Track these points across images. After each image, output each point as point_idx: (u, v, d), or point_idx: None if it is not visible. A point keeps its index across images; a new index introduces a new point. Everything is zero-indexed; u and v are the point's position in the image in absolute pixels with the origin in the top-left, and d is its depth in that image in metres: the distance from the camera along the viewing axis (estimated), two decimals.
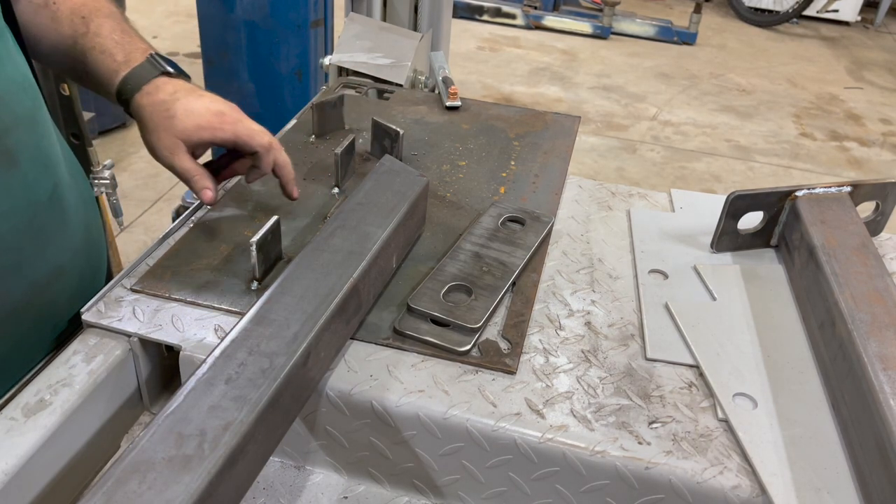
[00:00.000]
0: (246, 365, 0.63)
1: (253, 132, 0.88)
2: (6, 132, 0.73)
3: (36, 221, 0.78)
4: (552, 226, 0.98)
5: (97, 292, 0.82)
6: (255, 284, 0.84)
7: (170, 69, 0.88)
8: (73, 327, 0.82)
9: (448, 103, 1.27)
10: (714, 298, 0.89)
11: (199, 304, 0.81)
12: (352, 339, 0.78)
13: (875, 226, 1.00)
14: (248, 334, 0.66)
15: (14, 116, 0.75)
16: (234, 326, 0.67)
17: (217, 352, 0.64)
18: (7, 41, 0.77)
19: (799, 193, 0.94)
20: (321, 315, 0.69)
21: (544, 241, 0.95)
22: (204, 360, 0.63)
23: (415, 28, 2.18)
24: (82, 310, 0.79)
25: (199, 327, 0.78)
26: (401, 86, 1.43)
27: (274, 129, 1.18)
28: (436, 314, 0.79)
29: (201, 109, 0.86)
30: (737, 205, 0.93)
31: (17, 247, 0.76)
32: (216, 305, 0.81)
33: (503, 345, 0.79)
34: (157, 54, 0.89)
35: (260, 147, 0.89)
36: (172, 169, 0.87)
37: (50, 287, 0.82)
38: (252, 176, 0.93)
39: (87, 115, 1.61)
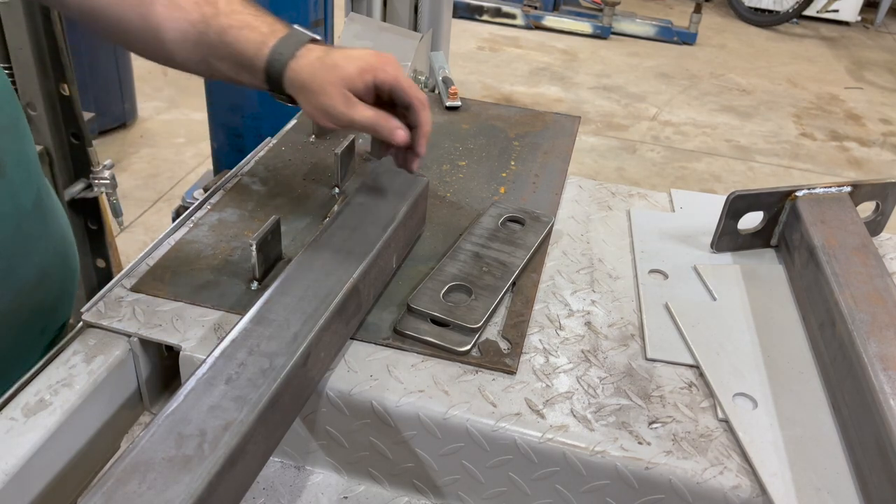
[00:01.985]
0: (246, 365, 0.63)
1: (413, 83, 0.80)
2: None
3: (22, 228, 0.78)
4: (552, 226, 0.98)
5: (74, 294, 0.82)
6: (255, 284, 0.84)
7: (317, 37, 0.82)
8: (60, 329, 0.82)
9: (448, 103, 1.27)
10: (714, 298, 0.89)
11: (199, 304, 0.81)
12: (352, 339, 0.78)
13: (875, 226, 1.00)
14: (248, 334, 0.66)
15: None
16: (234, 326, 0.67)
17: (217, 352, 0.64)
18: None
19: (799, 193, 0.94)
20: (321, 315, 0.69)
21: (544, 241, 0.95)
22: (204, 360, 0.63)
23: (415, 28, 2.18)
24: (82, 309, 0.79)
25: (199, 327, 0.78)
26: None
27: (274, 130, 1.18)
28: (436, 314, 0.79)
29: (361, 53, 0.79)
30: (737, 205, 0.93)
31: (6, 254, 0.76)
32: (216, 305, 0.81)
33: (503, 345, 0.79)
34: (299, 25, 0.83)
35: (416, 100, 0.79)
36: (352, 124, 0.79)
37: (37, 291, 0.82)
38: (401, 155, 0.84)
39: (87, 115, 1.61)
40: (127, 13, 0.79)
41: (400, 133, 0.79)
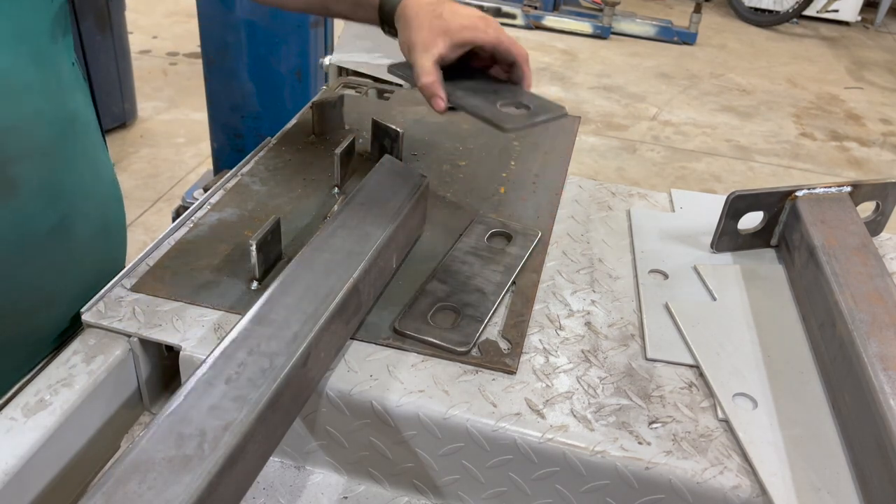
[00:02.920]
0: (246, 365, 0.63)
1: (513, 40, 0.87)
2: (10, 162, 0.72)
3: (29, 252, 0.77)
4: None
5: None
6: (255, 284, 0.84)
7: None
8: (54, 351, 0.80)
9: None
10: (714, 298, 0.89)
11: (199, 304, 0.81)
12: (352, 339, 0.78)
13: (875, 226, 1.00)
14: (248, 334, 0.66)
15: (25, 148, 0.73)
16: (234, 326, 0.67)
17: (217, 352, 0.64)
18: (50, 72, 0.75)
19: (799, 193, 0.94)
20: (321, 315, 0.69)
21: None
22: (204, 360, 0.63)
23: None
24: (82, 310, 0.79)
25: (199, 327, 0.78)
26: (401, 86, 1.43)
27: (274, 130, 1.18)
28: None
29: (467, 12, 0.86)
30: (737, 205, 0.93)
31: (2, 276, 0.75)
32: (216, 305, 0.81)
33: (503, 345, 0.79)
34: None
35: (520, 56, 0.87)
36: (414, 65, 0.86)
37: (36, 315, 0.80)
38: None
39: None
40: None
41: (439, 102, 0.85)
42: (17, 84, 0.72)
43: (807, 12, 5.95)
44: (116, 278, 0.84)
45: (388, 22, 0.90)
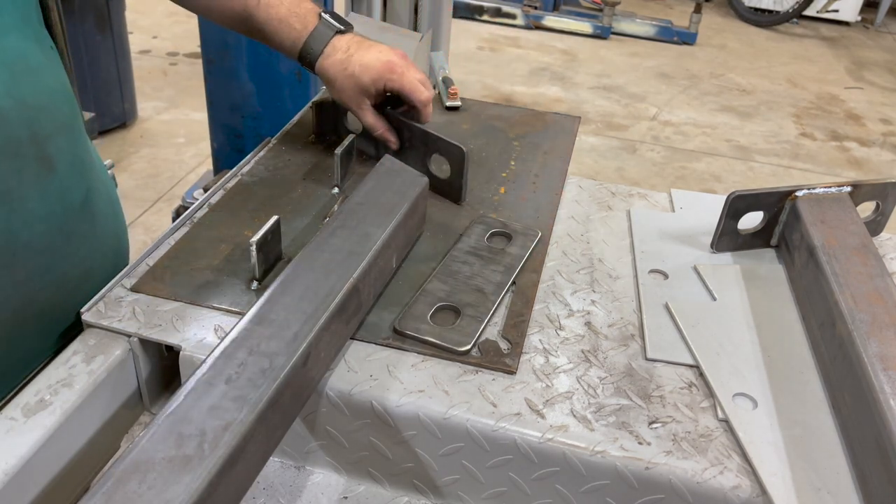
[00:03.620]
0: (246, 365, 0.63)
1: (415, 86, 0.99)
2: (46, 139, 0.76)
3: (68, 225, 0.81)
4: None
5: None
6: (255, 284, 0.84)
7: (341, 26, 1.00)
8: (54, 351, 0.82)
9: (448, 103, 1.27)
10: (714, 298, 0.89)
11: (199, 304, 0.81)
12: (352, 339, 0.78)
13: (875, 226, 1.00)
14: (248, 334, 0.66)
15: (54, 124, 0.77)
16: (234, 326, 0.67)
17: (217, 352, 0.64)
18: (50, 52, 0.80)
19: (799, 193, 0.94)
20: (321, 315, 0.69)
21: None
22: (204, 360, 0.63)
23: (415, 28, 2.18)
24: (82, 310, 0.79)
25: (199, 327, 0.78)
26: None
27: (274, 130, 1.18)
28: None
29: (373, 62, 0.98)
30: (737, 205, 0.93)
31: (49, 249, 0.78)
32: (216, 305, 0.81)
33: (503, 345, 0.79)
34: (325, 12, 1.01)
35: (418, 103, 1.00)
36: (361, 121, 1.03)
37: (79, 289, 0.83)
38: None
39: (86, 115, 1.61)
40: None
41: (393, 145, 1.04)
42: (34, 65, 0.76)
43: (807, 12, 5.95)
44: (116, 278, 0.84)
45: (309, 69, 1.02)
